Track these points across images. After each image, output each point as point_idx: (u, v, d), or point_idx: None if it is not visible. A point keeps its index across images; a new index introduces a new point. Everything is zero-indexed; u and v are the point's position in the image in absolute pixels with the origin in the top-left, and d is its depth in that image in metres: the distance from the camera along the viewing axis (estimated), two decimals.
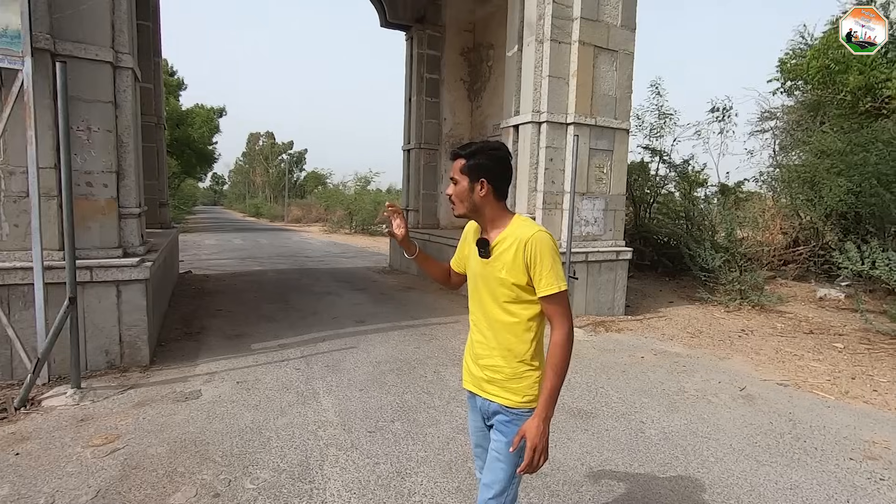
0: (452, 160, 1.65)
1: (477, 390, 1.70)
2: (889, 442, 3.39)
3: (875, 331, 6.20)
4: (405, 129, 10.81)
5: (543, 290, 1.52)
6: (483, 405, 1.68)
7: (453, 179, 1.63)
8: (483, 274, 1.63)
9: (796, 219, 11.54)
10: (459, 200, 1.62)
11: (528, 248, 1.51)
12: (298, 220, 34.06)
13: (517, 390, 1.59)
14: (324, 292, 8.10)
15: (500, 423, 1.62)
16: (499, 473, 1.59)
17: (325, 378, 4.21)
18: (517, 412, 1.59)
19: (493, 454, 1.62)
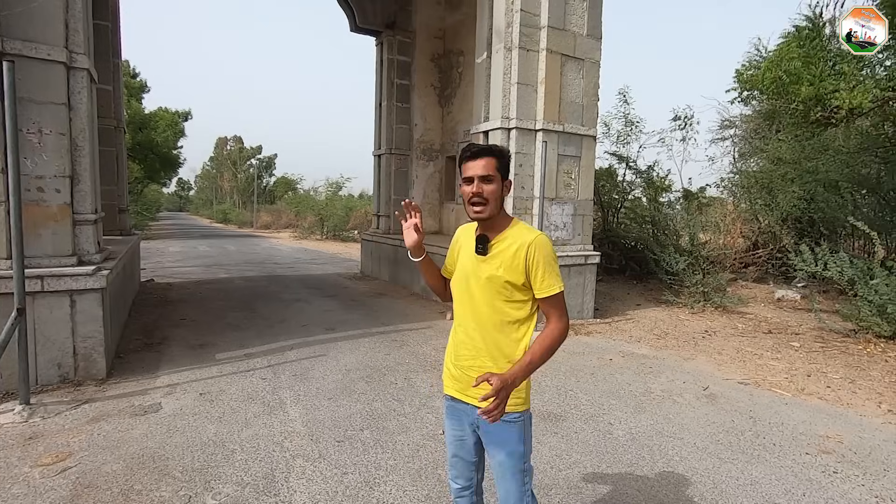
0: (475, 158, 1.56)
1: (461, 395, 1.66)
2: (841, 436, 3.54)
3: (828, 329, 6.48)
4: (376, 134, 10.76)
5: (545, 290, 1.55)
6: (468, 411, 1.64)
7: (486, 178, 1.54)
8: (476, 271, 1.61)
9: (755, 223, 12.02)
10: (494, 200, 1.56)
11: (531, 251, 1.53)
12: (268, 226, 33.39)
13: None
14: (293, 299, 7.95)
15: (492, 433, 1.60)
16: (509, 485, 1.60)
17: (293, 387, 4.12)
18: (508, 418, 1.56)
19: (497, 469, 1.62)
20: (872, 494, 2.79)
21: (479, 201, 1.55)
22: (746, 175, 13.47)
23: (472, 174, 1.56)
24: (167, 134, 24.42)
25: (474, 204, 1.56)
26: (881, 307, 5.81)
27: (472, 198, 1.56)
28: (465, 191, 1.59)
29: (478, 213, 1.57)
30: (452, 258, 1.78)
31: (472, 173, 1.56)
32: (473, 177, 1.55)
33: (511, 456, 1.59)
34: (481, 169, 1.55)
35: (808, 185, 9.80)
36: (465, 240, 1.71)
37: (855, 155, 9.21)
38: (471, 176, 1.56)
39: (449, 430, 1.75)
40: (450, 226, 10.62)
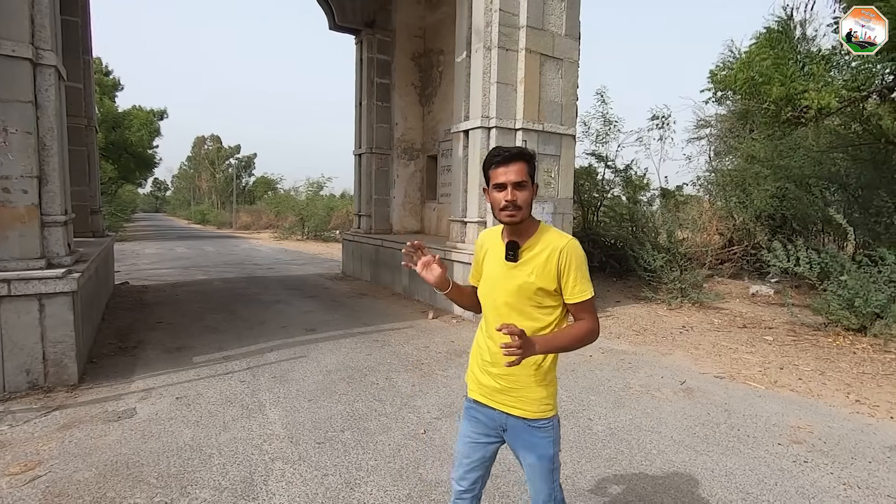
0: (507, 163, 1.51)
1: (486, 400, 1.66)
2: (812, 426, 3.65)
3: (800, 323, 6.67)
4: (356, 133, 10.68)
5: (577, 296, 1.55)
6: (495, 416, 1.65)
7: (519, 185, 1.51)
8: (505, 277, 1.59)
9: (731, 220, 12.31)
10: (527, 206, 1.54)
11: (563, 256, 1.53)
12: (247, 227, 32.91)
13: (533, 400, 1.59)
14: (273, 301, 7.85)
15: (523, 439, 1.62)
16: (539, 486, 1.63)
17: (273, 389, 4.06)
18: (535, 424, 1.59)
19: (528, 470, 1.66)
20: (840, 482, 2.88)
21: (512, 208, 1.52)
22: (722, 173, 13.78)
23: (504, 180, 1.52)
24: (142, 133, 23.86)
25: (507, 211, 1.53)
26: (849, 301, 6.00)
27: (504, 206, 1.52)
28: (496, 197, 1.54)
29: (511, 217, 1.53)
30: (479, 265, 1.75)
31: (505, 179, 1.52)
32: (506, 183, 1.51)
33: (542, 459, 1.61)
34: (514, 175, 1.51)
35: (780, 183, 10.09)
36: (491, 245, 1.68)
37: (824, 153, 9.51)
38: (503, 182, 1.52)
39: (465, 432, 1.73)
40: (431, 225, 10.61)
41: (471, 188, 6.80)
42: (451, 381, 4.37)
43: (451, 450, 3.14)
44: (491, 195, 1.57)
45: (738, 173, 12.21)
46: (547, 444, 1.61)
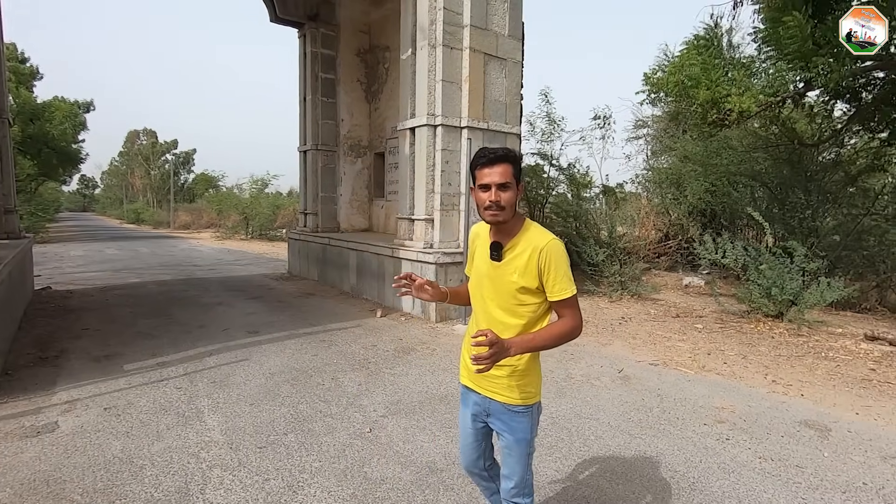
0: (491, 165, 1.56)
1: (473, 386, 1.76)
2: (734, 406, 3.94)
3: (726, 312, 7.17)
4: (300, 129, 10.41)
5: (558, 294, 1.59)
6: (481, 402, 1.75)
7: (503, 186, 1.55)
8: (490, 276, 1.66)
9: (666, 216, 13.03)
10: (510, 207, 1.57)
11: (543, 256, 1.57)
12: (187, 227, 31.32)
13: (517, 387, 1.66)
14: (213, 303, 7.53)
15: (500, 421, 1.71)
16: (514, 466, 1.72)
17: (211, 395, 3.91)
18: (516, 409, 1.67)
19: (505, 450, 1.73)
20: (757, 456, 3.13)
21: (496, 209, 1.56)
22: (658, 171, 14.55)
23: (489, 181, 1.56)
24: (65, 126, 22.12)
25: (491, 211, 1.57)
26: (767, 290, 6.51)
27: (489, 206, 1.56)
28: (480, 197, 1.58)
29: (494, 217, 1.57)
30: (472, 256, 1.81)
31: (490, 180, 1.55)
32: (490, 184, 1.55)
33: (519, 442, 1.70)
34: (499, 176, 1.55)
35: (710, 180, 10.77)
36: (481, 241, 1.74)
37: (748, 153, 10.24)
38: (488, 183, 1.56)
39: (461, 414, 1.87)
40: (379, 223, 10.53)
41: (418, 185, 6.81)
42: (399, 379, 4.37)
43: (398, 447, 3.15)
44: (476, 195, 1.61)
45: (673, 171, 12.94)
46: (525, 428, 1.70)
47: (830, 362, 5.08)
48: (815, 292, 6.26)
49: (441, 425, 3.46)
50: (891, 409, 3.95)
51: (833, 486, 2.80)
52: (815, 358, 5.22)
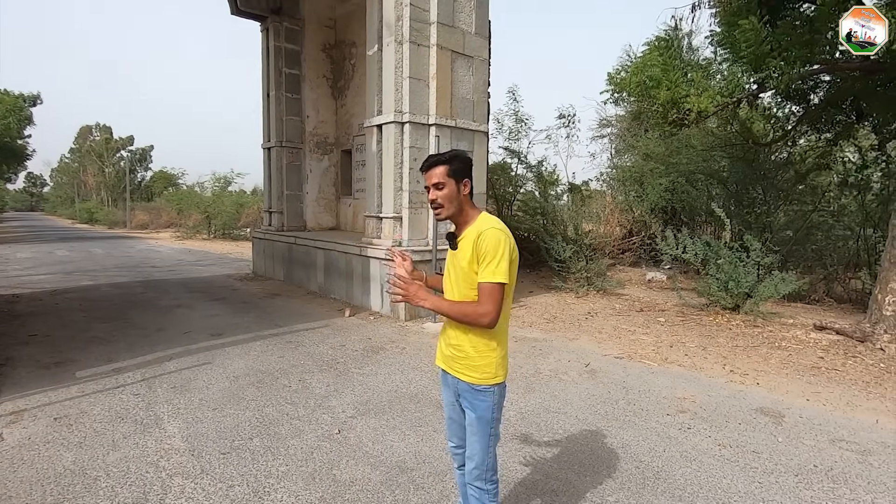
0: (428, 169, 1.77)
1: (447, 367, 1.89)
2: (695, 396, 4.07)
3: (687, 305, 7.41)
4: (264, 125, 10.15)
5: (481, 276, 1.71)
6: (452, 382, 1.88)
7: (437, 185, 1.75)
8: (451, 263, 1.85)
9: (630, 213, 13.35)
10: (448, 202, 1.76)
11: (481, 240, 1.70)
12: (145, 226, 30.11)
13: (478, 367, 1.79)
14: (173, 305, 7.25)
15: (466, 399, 1.84)
16: (475, 445, 1.83)
17: (172, 401, 3.76)
18: (478, 388, 1.80)
19: (469, 429, 1.85)
20: (716, 443, 3.25)
21: (436, 206, 1.78)
22: (622, 170, 14.92)
23: (427, 183, 1.80)
24: (8, 121, 20.87)
25: (433, 208, 1.79)
26: (725, 283, 6.77)
27: (431, 204, 1.79)
28: (429, 198, 1.81)
29: (437, 214, 1.80)
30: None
31: (428, 182, 1.79)
32: (429, 185, 1.78)
33: (481, 421, 1.81)
34: (434, 178, 1.76)
35: (671, 178, 11.12)
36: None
37: (707, 152, 10.62)
38: (427, 185, 1.79)
39: (444, 395, 1.98)
40: (347, 221, 10.39)
41: (385, 183, 6.74)
42: (368, 379, 4.32)
43: (367, 448, 3.11)
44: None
45: (636, 170, 13.29)
46: (487, 406, 1.80)
47: (783, 351, 5.33)
48: (770, 285, 6.55)
49: (411, 424, 3.44)
50: (838, 394, 4.17)
51: (787, 470, 2.94)
52: (769, 348, 5.46)
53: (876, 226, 8.06)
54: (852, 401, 4.04)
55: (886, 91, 6.68)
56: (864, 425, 3.58)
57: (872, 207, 8.23)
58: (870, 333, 5.54)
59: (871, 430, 3.50)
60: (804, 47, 5.83)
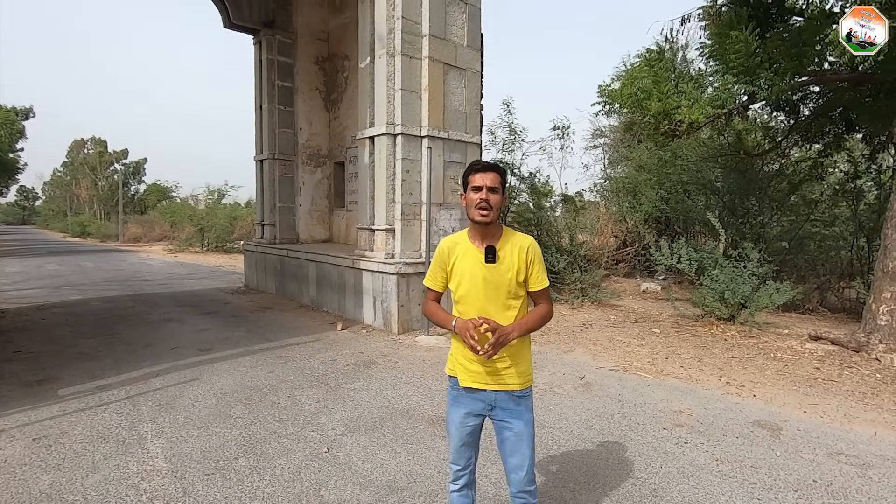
0: (486, 171, 1.83)
1: (480, 385, 1.88)
2: (692, 409, 4.01)
3: (682, 316, 7.37)
4: (257, 138, 10.12)
5: (539, 284, 1.89)
6: (486, 398, 1.88)
7: (493, 189, 1.81)
8: (487, 277, 1.84)
9: (624, 223, 13.37)
10: (496, 208, 1.83)
11: (530, 252, 1.87)
12: (137, 240, 29.89)
13: (518, 374, 1.87)
14: (162, 320, 7.14)
15: (510, 410, 1.87)
16: (525, 452, 1.88)
17: (156, 419, 3.66)
18: (521, 394, 1.88)
19: (514, 438, 1.88)
20: (714, 458, 3.18)
21: (486, 207, 1.80)
22: (615, 180, 14.97)
23: (481, 184, 1.81)
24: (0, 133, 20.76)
25: (482, 209, 1.80)
26: (720, 293, 6.74)
27: (480, 203, 1.79)
28: (472, 198, 1.82)
29: (483, 216, 1.80)
30: (443, 270, 1.95)
31: (482, 183, 1.81)
32: (483, 186, 1.80)
33: (527, 424, 1.88)
34: (490, 181, 1.81)
35: (664, 189, 11.16)
36: (462, 250, 1.90)
37: (699, 163, 10.68)
38: (480, 185, 1.81)
39: (456, 418, 1.94)
40: (340, 233, 10.33)
41: (378, 195, 6.70)
42: (359, 394, 4.23)
43: (357, 466, 3.02)
44: (468, 196, 1.85)
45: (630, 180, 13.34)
46: (529, 409, 1.92)
47: (779, 362, 5.28)
48: (764, 295, 6.53)
49: (402, 441, 3.35)
50: (835, 405, 4.12)
51: (785, 485, 2.87)
52: (764, 359, 5.41)
53: (869, 235, 8.08)
54: (850, 412, 3.99)
55: (874, 102, 6.74)
56: (863, 437, 3.53)
57: (865, 217, 8.27)
58: (865, 343, 5.51)
59: (869, 443, 3.45)
60: (793, 59, 5.88)
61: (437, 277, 1.97)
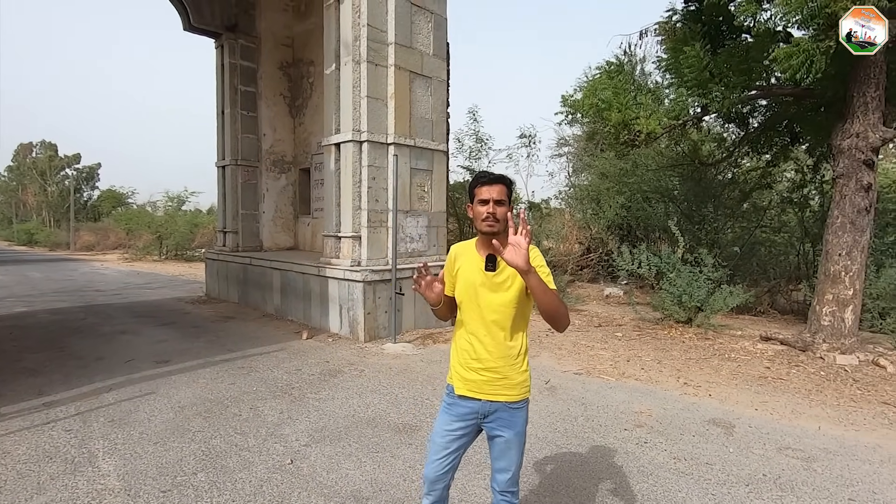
0: (493, 184, 1.82)
1: (475, 394, 1.87)
2: (651, 410, 4.14)
3: (643, 319, 7.60)
4: (218, 143, 9.87)
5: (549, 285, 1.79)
6: (480, 407, 1.88)
7: (500, 202, 1.81)
8: (487, 285, 1.83)
9: (588, 230, 13.70)
10: (503, 220, 1.81)
11: (533, 256, 1.78)
12: (90, 248, 28.51)
13: (514, 386, 1.86)
14: (116, 332, 6.84)
15: (503, 419, 1.87)
16: (513, 458, 1.90)
17: (108, 436, 3.50)
18: (517, 405, 1.87)
19: (503, 445, 1.89)
20: (672, 456, 3.29)
21: (491, 220, 1.80)
22: (579, 188, 15.35)
23: (487, 197, 1.81)
24: None
25: (488, 222, 1.80)
26: (678, 297, 6.99)
27: (486, 216, 1.80)
28: (479, 211, 1.83)
29: (490, 227, 1.80)
30: (451, 276, 1.95)
31: (489, 196, 1.81)
32: (489, 199, 1.80)
33: (519, 435, 1.89)
34: (497, 194, 1.80)
35: (626, 196, 11.52)
36: (466, 257, 1.91)
37: (658, 171, 11.07)
38: (486, 198, 1.81)
39: (444, 427, 1.92)
40: (305, 241, 10.18)
41: (344, 202, 6.65)
42: (324, 404, 4.17)
43: (321, 477, 2.97)
44: (474, 209, 1.85)
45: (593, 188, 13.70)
46: (523, 420, 1.91)
47: (733, 363, 5.52)
48: (719, 299, 6.82)
49: (368, 450, 3.32)
50: (783, 402, 4.34)
51: (738, 480, 3.00)
52: (720, 359, 5.64)
53: (814, 241, 8.56)
54: (796, 409, 4.21)
55: (816, 115, 7.18)
56: (808, 432, 3.73)
57: (810, 224, 8.76)
58: (811, 343, 5.83)
59: (814, 437, 3.64)
60: (742, 74, 6.21)
61: (447, 283, 1.98)
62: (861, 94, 5.73)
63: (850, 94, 5.85)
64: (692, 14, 6.93)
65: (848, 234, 5.80)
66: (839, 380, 4.93)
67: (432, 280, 1.91)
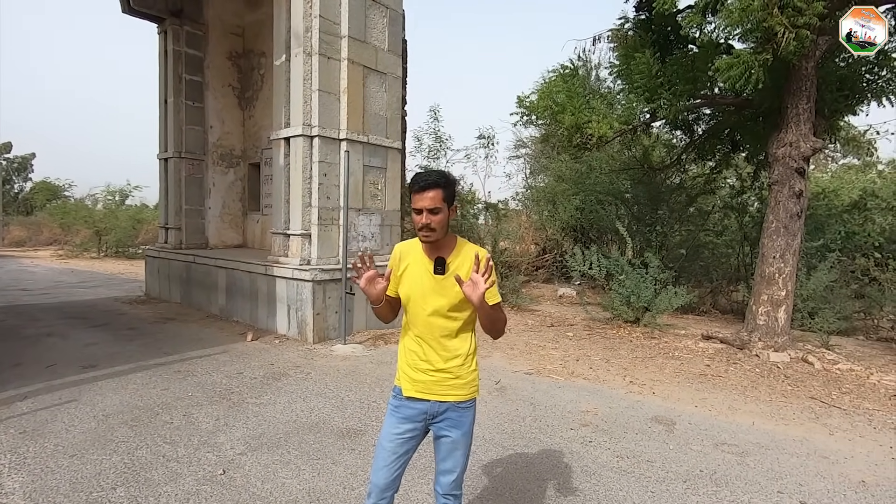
0: (422, 191, 1.71)
1: (424, 395, 1.84)
2: (598, 409, 4.18)
3: (594, 319, 7.75)
4: (160, 135, 9.34)
5: (490, 300, 1.73)
6: (429, 408, 1.84)
7: (433, 210, 1.71)
8: (435, 288, 1.79)
9: (544, 231, 13.91)
10: (441, 228, 1.74)
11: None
12: (21, 244, 26.45)
13: (464, 386, 1.84)
14: (41, 335, 6.31)
15: (451, 419, 1.84)
16: (459, 459, 1.87)
17: (17, 449, 3.18)
18: (464, 405, 1.86)
19: (450, 446, 1.86)
20: (615, 455, 3.32)
21: (427, 230, 1.73)
22: (536, 190, 15.58)
23: (421, 206, 1.72)
24: None
25: (424, 231, 1.74)
26: (627, 298, 7.17)
27: (420, 227, 1.74)
28: (415, 219, 1.75)
29: (426, 237, 1.75)
30: (396, 278, 1.88)
31: (422, 205, 1.71)
32: (423, 209, 1.71)
33: (465, 435, 1.86)
34: (429, 202, 1.71)
35: (580, 199, 11.76)
36: (413, 259, 1.85)
37: (611, 174, 11.37)
38: (420, 208, 1.72)
39: (392, 430, 1.86)
40: (255, 238, 9.79)
41: (294, 199, 6.42)
42: (265, 409, 3.97)
43: (255, 488, 2.81)
44: (413, 217, 1.78)
45: (549, 190, 13.93)
46: (471, 420, 1.89)
47: (676, 361, 5.69)
48: (665, 299, 7.04)
49: (307, 458, 3.18)
50: (721, 399, 4.50)
51: (676, 477, 3.06)
52: (664, 358, 5.81)
53: (752, 244, 9.01)
54: (733, 405, 4.37)
55: (755, 125, 7.54)
56: (743, 427, 3.87)
57: (749, 228, 9.21)
58: (747, 341, 6.10)
59: (748, 432, 3.78)
60: (688, 82, 6.43)
61: (393, 282, 1.90)
62: (794, 106, 6.05)
63: (784, 106, 6.17)
64: (643, 22, 7.14)
65: (781, 237, 6.11)
66: (772, 376, 5.17)
67: (375, 275, 1.81)
